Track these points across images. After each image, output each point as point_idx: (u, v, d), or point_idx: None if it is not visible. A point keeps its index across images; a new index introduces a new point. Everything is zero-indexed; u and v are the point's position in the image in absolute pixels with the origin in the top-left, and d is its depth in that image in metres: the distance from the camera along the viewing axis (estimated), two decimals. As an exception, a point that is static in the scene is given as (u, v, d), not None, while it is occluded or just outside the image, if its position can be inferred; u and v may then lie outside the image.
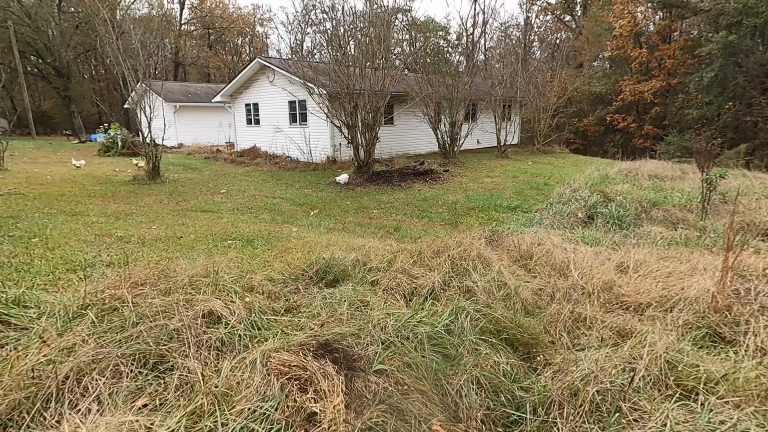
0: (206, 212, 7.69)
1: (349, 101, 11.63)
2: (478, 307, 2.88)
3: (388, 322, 2.50)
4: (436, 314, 2.85)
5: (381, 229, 6.74)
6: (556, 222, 6.78)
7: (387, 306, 2.87)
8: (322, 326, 2.51)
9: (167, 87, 26.94)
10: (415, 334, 2.46)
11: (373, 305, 2.84)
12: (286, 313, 2.80)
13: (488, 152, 19.29)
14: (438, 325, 2.57)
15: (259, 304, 2.74)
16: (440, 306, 2.99)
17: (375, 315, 2.58)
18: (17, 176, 11.70)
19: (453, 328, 2.63)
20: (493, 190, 10.45)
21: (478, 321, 2.70)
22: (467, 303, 2.88)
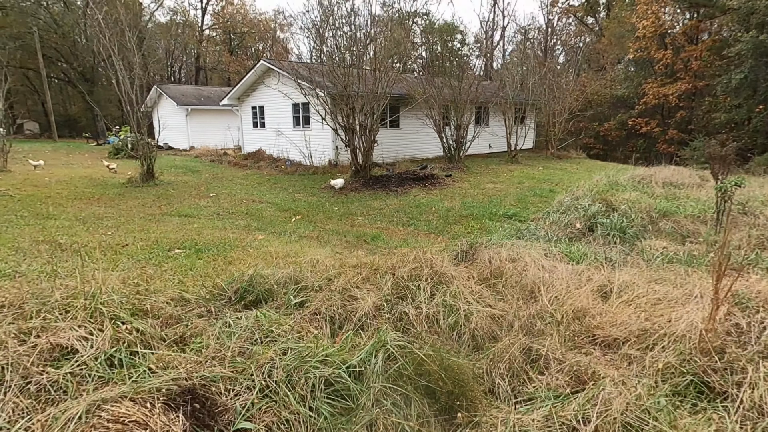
0: (183, 217, 7.39)
1: (346, 103, 11.24)
2: (406, 340, 2.39)
3: (278, 361, 2.04)
4: (357, 348, 2.38)
5: (359, 237, 6.28)
6: (551, 233, 6.17)
7: (295, 338, 2.41)
8: (198, 365, 2.06)
9: (181, 90, 27.27)
10: (308, 378, 1.99)
11: (278, 336, 2.38)
12: (176, 343, 2.37)
13: (499, 157, 18.60)
14: (343, 367, 2.09)
15: (145, 331, 2.32)
16: (365, 338, 2.51)
17: (266, 352, 2.12)
18: (17, 177, 11.75)
19: (365, 369, 2.14)
20: (494, 196, 9.86)
21: (398, 361, 2.20)
22: (393, 335, 2.39)
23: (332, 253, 5.18)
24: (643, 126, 26.48)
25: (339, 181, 10.72)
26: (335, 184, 10.61)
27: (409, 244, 5.91)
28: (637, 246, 5.34)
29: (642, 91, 26.28)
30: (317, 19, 11.10)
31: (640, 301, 3.11)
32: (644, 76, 27.57)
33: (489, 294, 3.48)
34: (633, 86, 27.63)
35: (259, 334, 2.36)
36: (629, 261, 4.47)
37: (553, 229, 6.44)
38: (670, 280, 3.49)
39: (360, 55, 11.33)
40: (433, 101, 13.95)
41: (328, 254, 4.73)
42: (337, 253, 5.16)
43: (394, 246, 5.78)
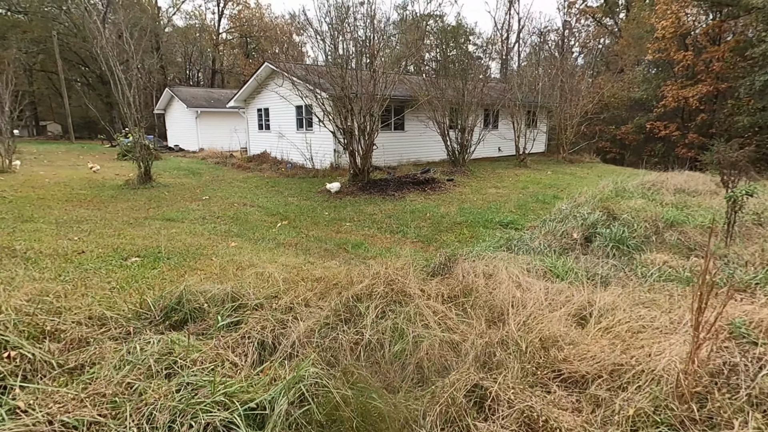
0: (166, 221, 7.21)
1: (343, 105, 10.98)
2: (327, 375, 2.06)
3: (162, 402, 1.74)
4: (276, 383, 2.06)
5: (340, 245, 5.97)
6: (545, 243, 5.76)
7: (207, 368, 2.11)
8: (77, 402, 1.78)
9: (191, 93, 27.49)
10: (193, 424, 1.68)
11: (183, 366, 2.08)
12: (72, 372, 2.09)
13: (507, 161, 18.10)
14: (241, 410, 1.78)
15: (36, 358, 2.05)
16: (287, 369, 2.20)
17: (157, 388, 1.82)
18: (18, 178, 11.81)
19: (270, 413, 1.83)
20: (494, 202, 9.44)
21: (308, 402, 1.88)
22: (313, 369, 2.07)
23: (304, 262, 4.89)
24: (662, 129, 25.56)
25: (335, 185, 10.45)
26: (331, 188, 10.35)
27: (391, 254, 5.58)
28: (635, 259, 4.90)
29: (661, 94, 25.39)
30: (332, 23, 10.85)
31: (621, 328, 2.71)
32: (663, 78, 26.65)
33: (454, 315, 3.13)
34: (651, 88, 26.73)
35: (162, 363, 2.07)
36: (622, 277, 4.06)
37: (548, 238, 6.02)
38: (659, 304, 3.08)
39: (371, 58, 11.05)
40: (437, 103, 13.59)
41: (296, 264, 4.44)
42: (309, 262, 4.87)
43: (373, 255, 5.45)
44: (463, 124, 13.75)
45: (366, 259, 5.28)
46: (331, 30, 11.25)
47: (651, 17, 26.47)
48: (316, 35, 11.47)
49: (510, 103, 16.53)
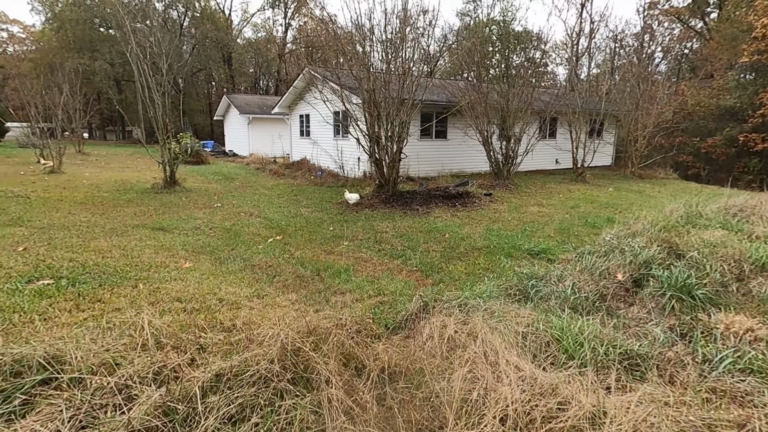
0: (155, 230, 6.71)
1: (369, 110, 10.10)
2: None
3: None
4: None
5: (320, 270, 5.02)
6: (574, 287, 4.39)
7: None
8: None
9: (246, 99, 28.21)
10: None
11: None
12: None
13: (564, 174, 16.23)
14: None
15: None
16: None
17: None
18: (59, 179, 12.25)
19: None
20: (531, 223, 8.01)
21: None
22: None
23: (252, 294, 3.99)
24: (759, 143, 21.94)
25: (353, 196, 9.57)
26: (349, 199, 9.49)
27: (374, 287, 4.53)
28: (701, 321, 3.45)
29: (758, 101, 21.83)
30: (393, 33, 10.07)
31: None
32: (762, 83, 22.95)
33: (371, 415, 2.04)
34: (747, 96, 23.12)
35: None
36: (671, 358, 2.69)
37: (582, 279, 4.64)
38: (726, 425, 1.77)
39: (433, 66, 10.12)
40: (479, 108, 12.29)
41: (235, 299, 3.54)
42: (257, 295, 3.97)
43: (351, 288, 4.43)
44: (508, 132, 12.30)
45: (337, 293, 4.28)
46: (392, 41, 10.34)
47: (748, 15, 23.01)
48: (380, 44, 10.62)
49: (569, 110, 14.73)
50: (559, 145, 17.24)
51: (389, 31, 10.03)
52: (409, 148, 14.37)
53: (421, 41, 11.12)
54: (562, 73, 43.72)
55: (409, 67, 10.10)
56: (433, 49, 46.20)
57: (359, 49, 10.33)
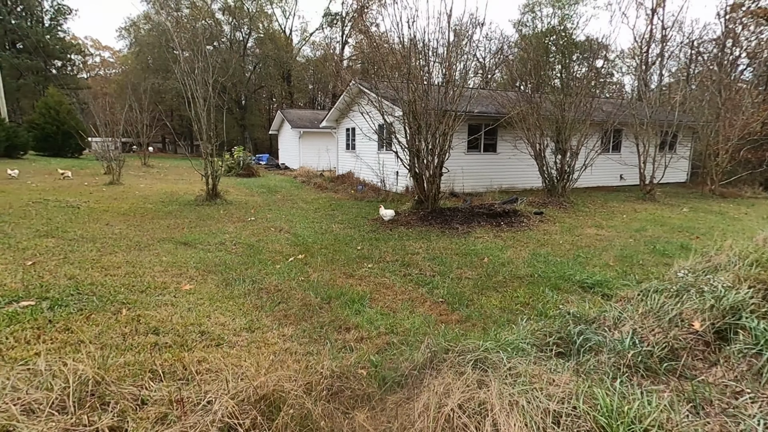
0: (180, 245, 6.57)
1: (408, 122, 9.58)
2: None
3: None
4: None
5: (331, 298, 4.49)
6: (639, 333, 3.50)
7: None
8: None
9: (298, 114, 28.85)
10: None
11: None
12: None
13: (630, 192, 14.69)
14: None
15: None
16: None
17: None
18: (115, 190, 12.85)
19: None
20: (586, 248, 7.01)
21: None
22: None
23: (249, 324, 3.54)
24: None
25: (389, 213, 9.04)
26: (384, 215, 8.96)
27: (389, 320, 3.93)
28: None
29: None
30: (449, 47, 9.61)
31: None
32: None
33: None
34: None
35: None
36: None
37: (646, 324, 3.74)
38: None
39: (488, 77, 9.57)
40: (530, 119, 11.36)
41: (220, 333, 3.10)
42: (254, 327, 3.51)
43: (360, 323, 3.86)
44: (564, 144, 11.23)
45: (342, 328, 3.72)
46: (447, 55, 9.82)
47: None
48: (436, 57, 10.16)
49: (635, 120, 13.32)
50: (623, 160, 15.69)
51: (441, 44, 9.50)
52: (454, 161, 13.66)
53: (476, 54, 10.48)
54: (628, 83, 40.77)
55: (451, 76, 9.49)
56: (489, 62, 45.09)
57: (414, 64, 9.82)
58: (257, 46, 52.48)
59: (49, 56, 45.17)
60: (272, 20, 52.52)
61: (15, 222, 7.40)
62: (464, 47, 10.20)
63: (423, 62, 9.32)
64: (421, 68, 9.28)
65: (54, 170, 18.88)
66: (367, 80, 15.36)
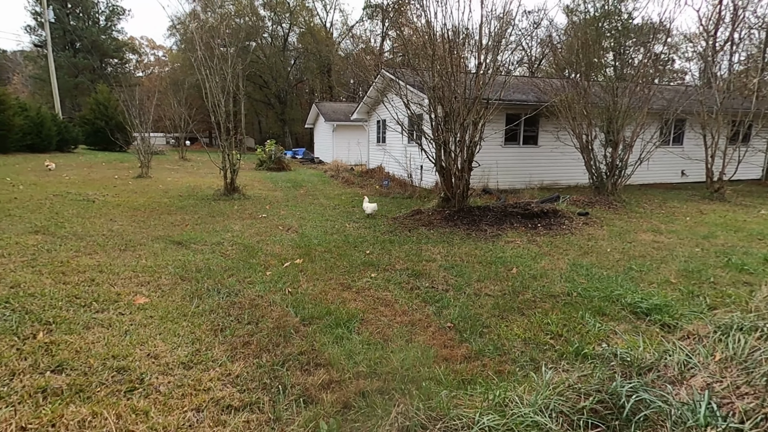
0: (172, 244, 6.04)
1: (434, 111, 8.63)
2: None
3: None
4: None
5: (313, 318, 3.70)
6: (717, 396, 2.47)
7: None
8: None
9: (333, 107, 28.35)
10: None
11: None
12: None
13: (693, 190, 12.94)
14: None
15: None
16: None
17: None
18: (140, 184, 12.77)
19: None
20: (641, 259, 5.82)
21: None
22: None
23: (192, 355, 2.82)
24: None
25: (371, 206, 8.79)
26: (365, 209, 8.72)
27: (375, 354, 3.10)
28: None
29: None
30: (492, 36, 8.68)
31: None
32: None
33: None
34: None
35: None
36: None
37: (729, 377, 2.68)
38: None
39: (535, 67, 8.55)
40: (576, 107, 10.04)
41: (148, 364, 2.39)
42: (181, 365, 2.79)
43: (336, 356, 3.05)
44: (615, 136, 9.84)
45: (308, 366, 2.92)
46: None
47: None
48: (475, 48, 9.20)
49: (702, 109, 11.59)
50: (686, 153, 13.86)
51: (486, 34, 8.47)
52: (489, 155, 12.52)
53: (522, 42, 9.34)
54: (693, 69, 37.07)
55: (483, 60, 8.42)
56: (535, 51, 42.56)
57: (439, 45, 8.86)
58: (298, 40, 52.64)
59: (103, 55, 47.50)
60: (313, 14, 52.40)
61: (19, 216, 7.20)
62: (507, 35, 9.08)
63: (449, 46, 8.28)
64: (449, 50, 8.26)
65: (99, 163, 19.44)
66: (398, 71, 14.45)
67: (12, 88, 52.56)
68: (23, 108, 22.88)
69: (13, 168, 14.92)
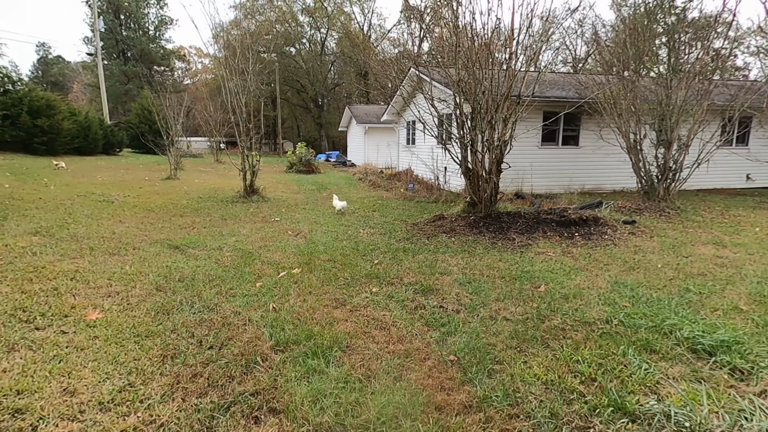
0: (170, 248, 5.70)
1: (459, 109, 7.92)
2: None
3: None
4: None
5: (297, 343, 3.13)
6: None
7: None
8: None
9: (365, 110, 27.99)
10: None
11: None
12: None
13: (763, 196, 11.43)
14: None
15: None
16: None
17: None
18: (165, 186, 12.80)
19: None
20: (701, 278, 4.85)
21: None
22: None
23: (91, 400, 2.31)
24: None
25: (340, 204, 8.97)
26: (335, 206, 8.61)
27: (350, 398, 2.48)
28: None
29: None
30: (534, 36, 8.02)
31: None
32: None
33: None
34: None
35: None
36: None
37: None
38: None
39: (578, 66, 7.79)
40: (623, 104, 8.98)
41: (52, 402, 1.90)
42: (97, 406, 2.27)
43: (299, 401, 2.45)
44: (668, 135, 8.70)
45: (260, 411, 2.34)
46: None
47: None
48: None
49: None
50: (753, 155, 12.28)
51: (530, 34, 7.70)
52: (524, 156, 11.59)
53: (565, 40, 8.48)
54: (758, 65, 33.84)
55: (514, 51, 7.61)
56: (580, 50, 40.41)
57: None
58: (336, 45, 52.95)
59: (151, 63, 49.80)
60: (351, 18, 52.56)
61: (32, 216, 7.14)
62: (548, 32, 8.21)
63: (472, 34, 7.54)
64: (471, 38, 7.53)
65: (137, 166, 19.98)
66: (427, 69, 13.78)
67: (72, 95, 56.23)
68: (72, 113, 24.04)
69: (53, 169, 15.47)
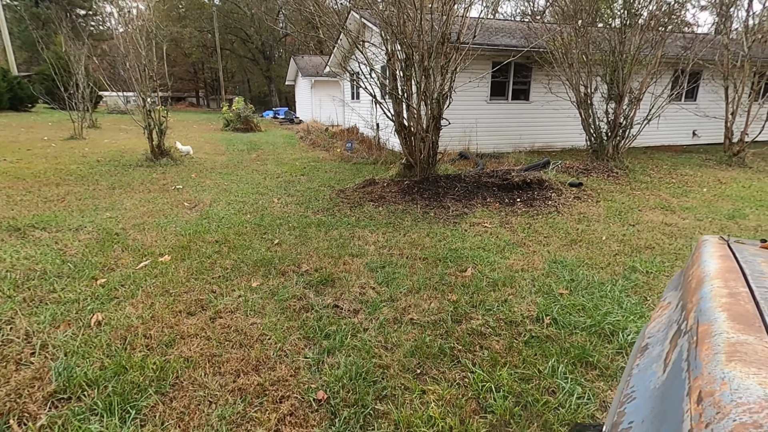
0: (8, 231, 4.43)
1: (390, 51, 6.80)
2: None
3: None
4: None
5: (95, 383, 2.18)
6: None
7: None
8: None
9: (311, 61, 25.87)
10: None
11: None
12: None
13: (707, 153, 11.21)
14: None
15: None
16: None
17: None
18: (65, 146, 11.03)
19: None
20: (647, 252, 4.23)
21: None
22: None
23: None
24: None
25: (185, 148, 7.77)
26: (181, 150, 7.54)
27: None
28: None
29: None
30: None
31: None
32: None
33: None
34: None
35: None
36: None
37: None
38: None
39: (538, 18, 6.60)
40: (575, 54, 8.14)
41: None
42: None
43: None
44: (620, 88, 8.01)
45: None
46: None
47: None
48: None
49: (725, 57, 9.67)
50: (702, 110, 11.99)
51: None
52: (470, 112, 10.68)
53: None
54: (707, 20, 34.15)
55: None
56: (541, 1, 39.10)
57: None
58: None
59: (70, 4, 43.83)
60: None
61: None
62: None
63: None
64: None
65: (45, 123, 17.46)
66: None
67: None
68: (-37, 61, 20.56)
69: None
